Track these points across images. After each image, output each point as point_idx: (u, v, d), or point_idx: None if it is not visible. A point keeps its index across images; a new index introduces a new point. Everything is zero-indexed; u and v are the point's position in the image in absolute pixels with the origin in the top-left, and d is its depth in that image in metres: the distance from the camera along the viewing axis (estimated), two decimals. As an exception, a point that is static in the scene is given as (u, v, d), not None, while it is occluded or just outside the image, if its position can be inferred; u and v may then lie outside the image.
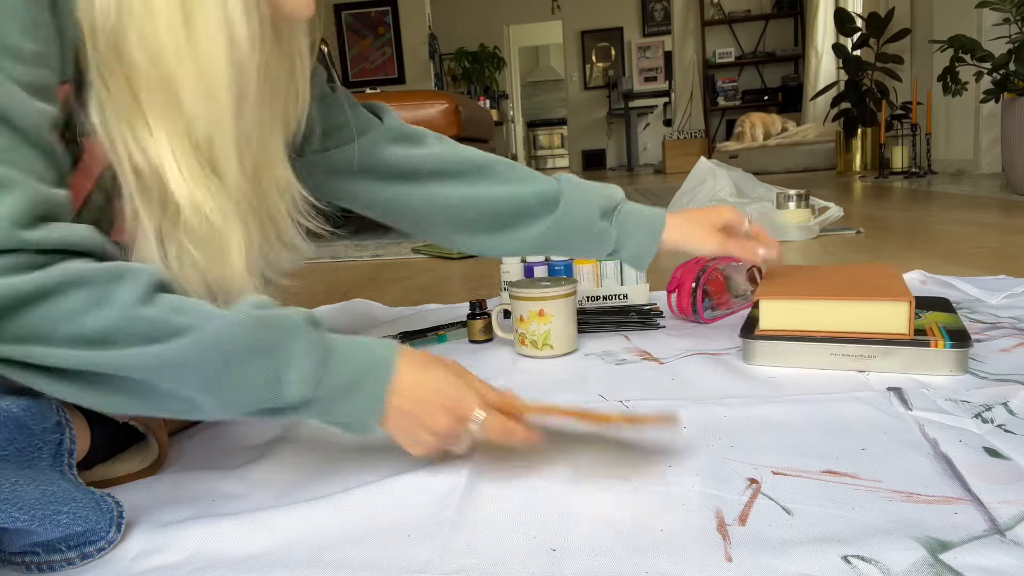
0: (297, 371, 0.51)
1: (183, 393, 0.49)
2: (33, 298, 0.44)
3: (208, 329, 0.48)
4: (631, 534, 0.50)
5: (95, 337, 0.45)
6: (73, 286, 0.45)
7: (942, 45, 3.02)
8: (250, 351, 0.49)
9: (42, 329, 0.44)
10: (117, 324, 0.46)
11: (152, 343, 0.46)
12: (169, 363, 0.47)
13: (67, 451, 0.52)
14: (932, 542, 0.46)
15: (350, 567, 0.48)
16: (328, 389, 0.52)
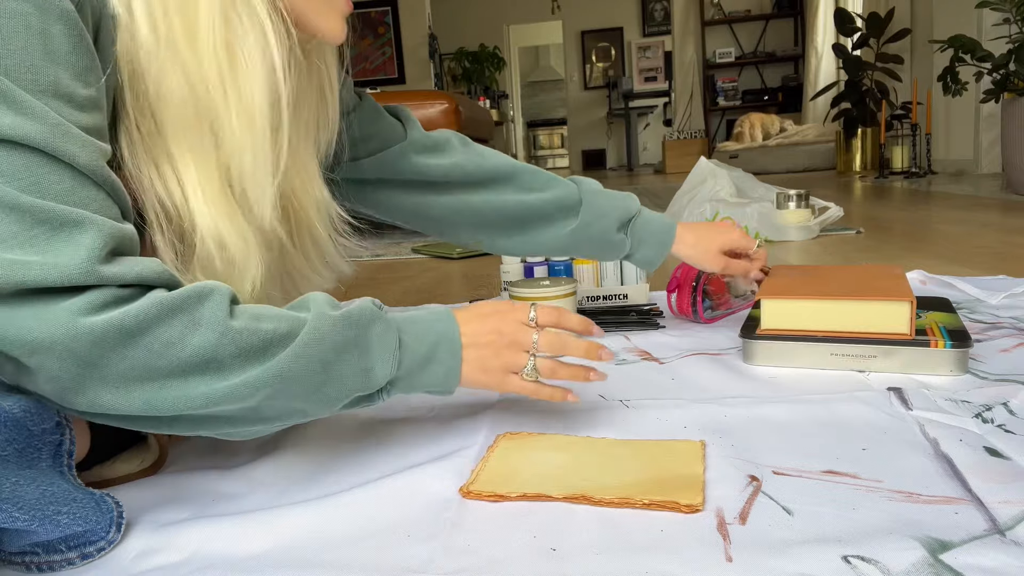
0: (379, 359, 0.56)
1: (292, 404, 0.52)
2: (136, 331, 0.45)
3: (301, 337, 0.51)
4: (631, 534, 0.50)
5: (198, 361, 0.47)
6: (168, 314, 0.46)
7: (942, 45, 3.02)
8: (340, 349, 0.53)
9: (148, 361, 0.45)
10: (217, 343, 0.47)
11: (253, 360, 0.49)
12: (278, 377, 0.49)
13: (67, 452, 0.52)
14: (932, 542, 0.46)
15: (350, 567, 0.48)
16: (408, 367, 0.58)
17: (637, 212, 0.93)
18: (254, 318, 0.50)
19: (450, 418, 0.74)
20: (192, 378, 0.47)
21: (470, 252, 2.01)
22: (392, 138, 0.83)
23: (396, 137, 0.84)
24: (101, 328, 0.43)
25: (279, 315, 0.52)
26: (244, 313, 0.50)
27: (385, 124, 0.83)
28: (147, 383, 0.46)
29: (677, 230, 0.94)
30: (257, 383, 0.49)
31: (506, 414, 0.74)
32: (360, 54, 6.73)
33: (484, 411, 0.75)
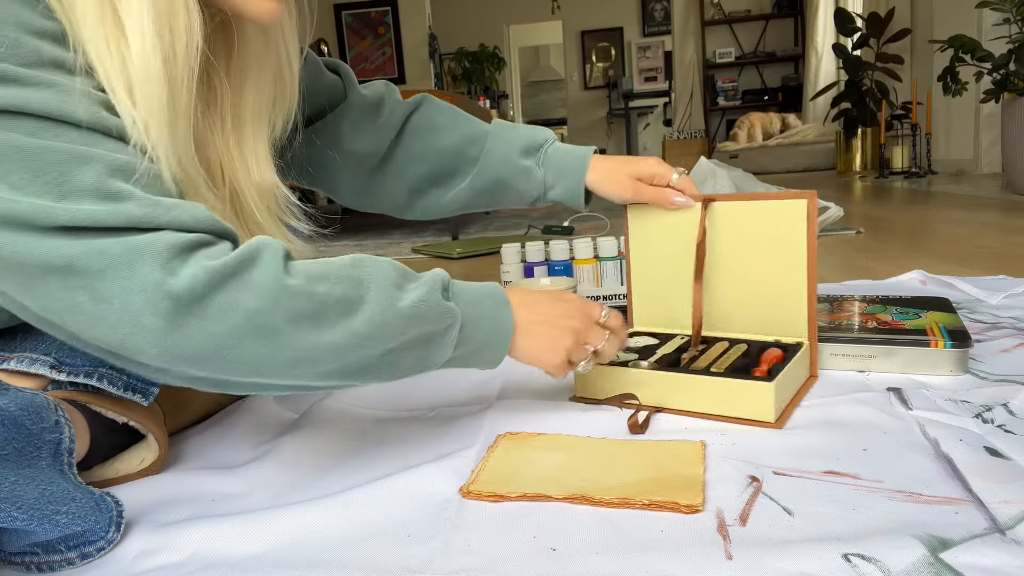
0: (437, 353, 0.58)
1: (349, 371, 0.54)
2: (190, 301, 0.46)
3: (362, 319, 0.52)
4: (631, 534, 0.50)
5: (253, 325, 0.48)
6: (220, 280, 0.47)
7: (942, 45, 3.02)
8: (401, 342, 0.55)
9: (203, 328, 0.47)
10: (272, 307, 0.48)
11: (307, 328, 0.50)
12: (333, 352, 0.51)
13: (66, 450, 0.52)
14: (933, 541, 0.46)
15: (350, 567, 0.48)
16: (461, 357, 0.61)
17: (547, 140, 0.86)
18: (312, 277, 0.51)
19: (450, 418, 0.74)
20: (248, 344, 0.48)
21: (470, 252, 2.01)
22: (334, 96, 0.83)
23: (337, 96, 0.83)
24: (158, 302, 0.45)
25: (338, 276, 0.52)
26: (301, 271, 0.51)
27: (324, 79, 0.82)
28: (212, 350, 0.47)
29: (591, 159, 0.86)
30: (312, 355, 0.50)
31: (506, 414, 0.74)
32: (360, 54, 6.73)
33: (484, 411, 0.75)
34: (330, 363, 0.51)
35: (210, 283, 0.46)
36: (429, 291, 0.57)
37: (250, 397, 0.81)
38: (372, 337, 0.52)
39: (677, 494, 0.54)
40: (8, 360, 0.59)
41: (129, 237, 0.45)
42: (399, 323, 0.54)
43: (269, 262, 0.49)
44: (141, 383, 0.62)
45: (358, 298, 0.52)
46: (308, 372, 0.51)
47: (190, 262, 0.46)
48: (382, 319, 0.53)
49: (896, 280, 1.28)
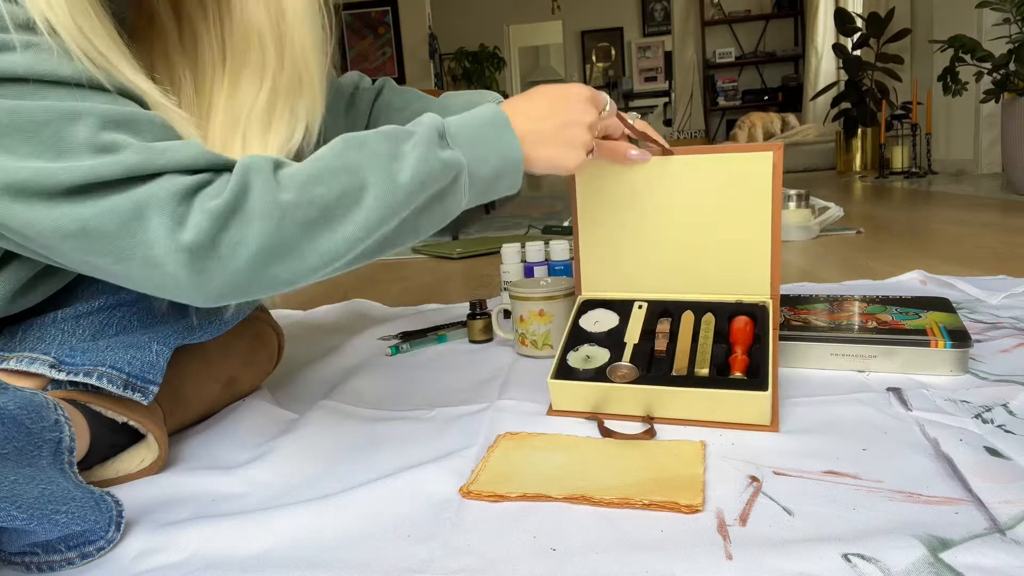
0: (453, 204, 0.59)
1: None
2: (201, 248, 0.48)
3: (368, 205, 0.53)
4: (631, 534, 0.50)
5: (270, 249, 0.50)
6: (221, 220, 0.48)
7: (942, 45, 3.02)
8: (413, 207, 0.55)
9: (224, 265, 0.49)
10: (277, 228, 0.50)
11: (319, 232, 0.51)
12: (354, 240, 0.53)
13: (67, 449, 0.52)
14: (933, 540, 0.46)
15: (350, 567, 0.48)
16: (477, 193, 0.61)
17: (490, 100, 0.80)
18: (305, 184, 0.51)
19: (450, 418, 0.74)
20: (273, 266, 0.50)
21: (470, 252, 2.01)
22: None
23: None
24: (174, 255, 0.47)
25: (332, 170, 0.52)
26: (294, 180, 0.51)
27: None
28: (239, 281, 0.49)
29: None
30: (336, 252, 0.52)
31: (506, 414, 0.74)
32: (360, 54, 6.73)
33: (484, 411, 0.75)
34: (356, 250, 0.54)
35: (215, 226, 0.48)
36: (427, 149, 0.56)
37: (250, 397, 0.81)
38: (385, 216, 0.54)
39: (677, 494, 0.54)
40: (8, 359, 0.59)
41: (133, 190, 0.46)
42: (406, 194, 0.54)
43: (260, 185, 0.50)
44: (141, 382, 0.62)
45: (359, 186, 0.53)
46: (340, 264, 0.53)
47: (194, 208, 0.48)
48: (389, 198, 0.54)
49: (896, 280, 1.28)
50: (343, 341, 1.06)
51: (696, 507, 0.52)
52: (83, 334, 0.61)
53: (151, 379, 0.62)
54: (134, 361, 0.62)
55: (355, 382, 0.86)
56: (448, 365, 0.94)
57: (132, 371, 0.61)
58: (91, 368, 0.60)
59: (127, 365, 0.61)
